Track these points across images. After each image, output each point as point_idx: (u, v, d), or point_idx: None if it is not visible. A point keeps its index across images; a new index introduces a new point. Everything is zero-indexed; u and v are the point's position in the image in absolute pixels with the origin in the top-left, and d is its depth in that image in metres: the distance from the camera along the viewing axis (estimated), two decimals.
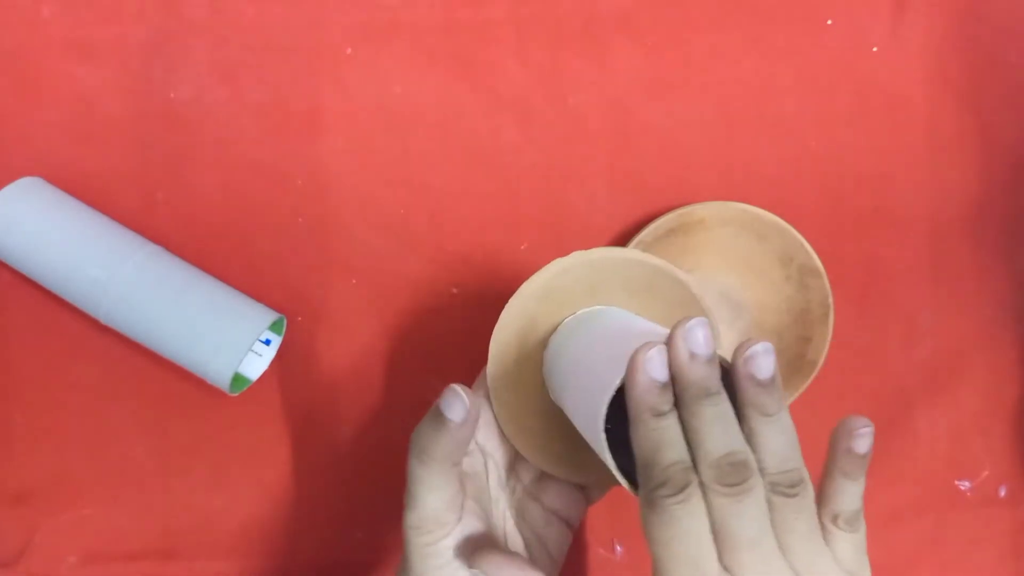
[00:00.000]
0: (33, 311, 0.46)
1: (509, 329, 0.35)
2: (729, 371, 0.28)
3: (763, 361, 0.28)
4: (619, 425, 0.29)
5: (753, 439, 0.27)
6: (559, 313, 0.36)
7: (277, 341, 0.46)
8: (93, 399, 0.47)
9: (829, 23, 0.48)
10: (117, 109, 0.46)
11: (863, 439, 0.29)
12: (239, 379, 0.45)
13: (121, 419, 0.47)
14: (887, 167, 0.49)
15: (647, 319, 0.35)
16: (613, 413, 0.29)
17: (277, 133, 0.46)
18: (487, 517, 0.36)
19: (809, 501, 0.27)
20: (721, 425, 0.27)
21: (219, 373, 0.42)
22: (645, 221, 0.46)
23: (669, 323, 0.31)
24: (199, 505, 0.47)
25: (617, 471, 0.29)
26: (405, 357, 0.47)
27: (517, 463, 0.38)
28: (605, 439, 0.28)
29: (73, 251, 0.43)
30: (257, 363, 0.46)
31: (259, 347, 0.46)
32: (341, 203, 0.47)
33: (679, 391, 0.28)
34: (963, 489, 0.50)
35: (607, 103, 0.47)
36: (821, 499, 0.30)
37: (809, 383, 0.46)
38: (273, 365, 0.47)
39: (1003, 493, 0.50)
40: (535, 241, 0.48)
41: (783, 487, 0.27)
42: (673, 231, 0.46)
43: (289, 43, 0.46)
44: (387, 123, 0.47)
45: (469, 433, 0.32)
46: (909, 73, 0.48)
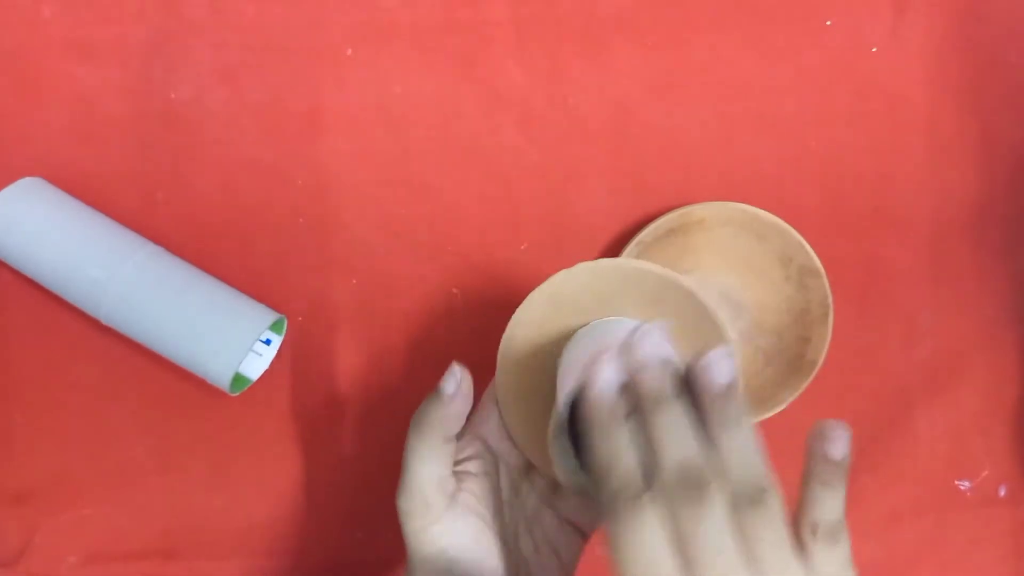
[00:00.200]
0: (33, 311, 0.46)
1: (517, 339, 0.35)
2: None
3: (720, 367, 0.27)
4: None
5: (714, 447, 0.26)
6: (569, 323, 0.35)
7: (277, 341, 0.46)
8: (93, 399, 0.47)
9: (829, 23, 0.48)
10: (117, 109, 0.46)
11: (838, 443, 0.27)
12: (239, 379, 0.45)
13: (121, 419, 0.47)
14: (887, 167, 0.49)
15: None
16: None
17: (277, 133, 0.46)
18: (492, 519, 0.36)
19: (776, 510, 0.26)
20: (676, 433, 0.26)
21: (219, 373, 0.42)
22: (645, 221, 0.46)
23: (681, 335, 0.31)
24: (199, 505, 0.47)
25: (568, 474, 0.28)
26: (405, 357, 0.47)
27: (532, 469, 0.38)
28: (559, 447, 0.28)
29: (73, 251, 0.43)
30: (257, 363, 0.46)
31: (259, 347, 0.46)
32: (341, 203, 0.47)
33: (637, 399, 0.27)
34: (963, 489, 0.50)
35: (607, 103, 0.47)
36: (799, 510, 0.28)
37: (809, 383, 0.46)
38: (273, 365, 0.47)
39: (1003, 493, 0.50)
40: (535, 241, 0.48)
41: (747, 495, 0.26)
42: (673, 231, 0.46)
43: (289, 43, 0.46)
44: (387, 123, 0.47)
45: (460, 407, 0.34)
46: (909, 73, 0.48)
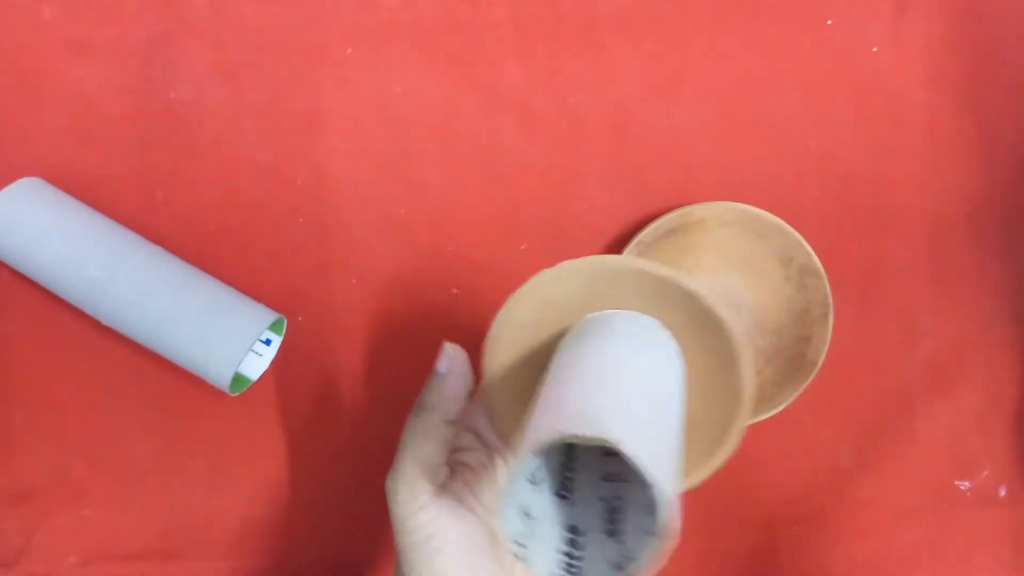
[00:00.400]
0: (33, 311, 0.46)
1: (503, 339, 0.34)
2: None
3: None
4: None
5: None
6: (559, 321, 0.34)
7: (277, 341, 0.46)
8: (93, 399, 0.47)
9: (829, 23, 0.48)
10: (117, 109, 0.46)
11: None
12: (239, 379, 0.45)
13: (121, 419, 0.47)
14: (887, 167, 0.49)
15: (660, 324, 0.33)
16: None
17: (277, 133, 0.46)
18: (485, 512, 0.35)
19: None
20: None
21: (219, 373, 0.42)
22: (645, 221, 0.46)
23: (685, 331, 0.31)
24: (199, 505, 0.47)
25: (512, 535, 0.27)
26: (405, 357, 0.47)
27: None
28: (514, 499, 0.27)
29: (73, 251, 0.43)
30: (257, 363, 0.46)
31: (259, 347, 0.46)
32: (341, 203, 0.47)
33: None
34: (963, 489, 0.50)
35: (607, 103, 0.47)
36: None
37: (809, 383, 0.46)
38: (273, 365, 0.47)
39: (1003, 493, 0.50)
40: (535, 241, 0.48)
41: None
42: (673, 231, 0.46)
43: (289, 43, 0.46)
44: (387, 123, 0.47)
45: (457, 386, 0.34)
46: (909, 73, 0.48)
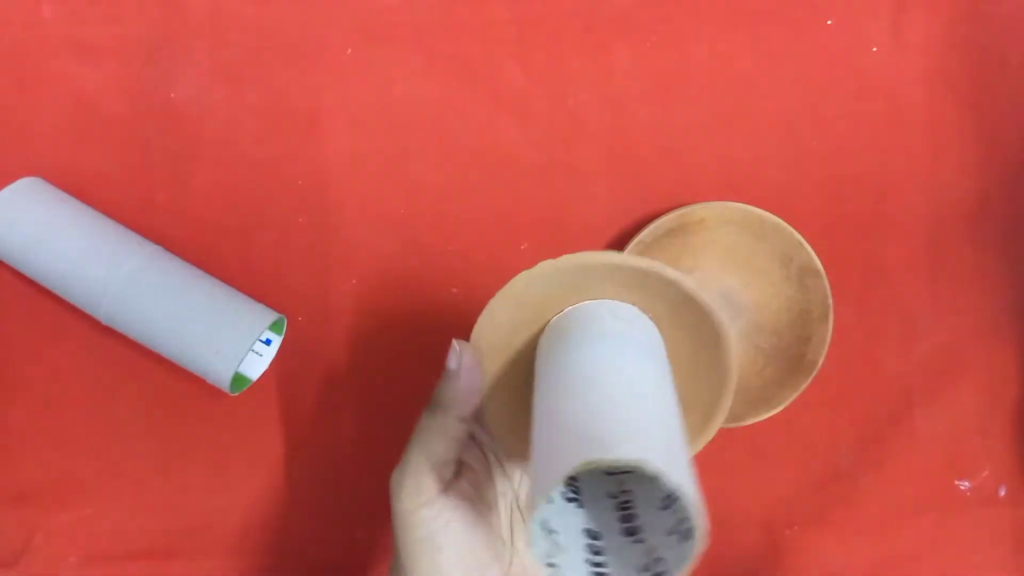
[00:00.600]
0: (33, 311, 0.46)
1: (485, 343, 0.34)
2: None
3: None
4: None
5: None
6: (543, 316, 0.34)
7: (277, 341, 0.46)
8: (93, 399, 0.47)
9: (829, 23, 0.48)
10: (117, 109, 0.46)
11: None
12: (239, 379, 0.45)
13: (121, 419, 0.47)
14: (887, 167, 0.49)
15: (638, 310, 0.34)
16: None
17: (277, 133, 0.46)
18: (488, 512, 0.35)
19: None
20: None
21: (219, 373, 0.42)
22: (645, 221, 0.46)
23: (667, 317, 0.31)
24: (199, 505, 0.47)
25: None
26: (405, 357, 0.47)
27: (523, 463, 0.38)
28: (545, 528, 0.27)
29: (73, 251, 0.43)
30: (257, 363, 0.46)
31: (259, 347, 0.46)
32: (341, 203, 0.47)
33: None
34: (963, 489, 0.50)
35: (607, 103, 0.47)
36: None
37: (809, 383, 0.46)
38: (273, 365, 0.47)
39: (1003, 493, 0.50)
40: (535, 241, 0.48)
41: None
42: (673, 231, 0.46)
43: (289, 43, 0.46)
44: (387, 123, 0.47)
45: (469, 382, 0.34)
46: (909, 73, 0.48)
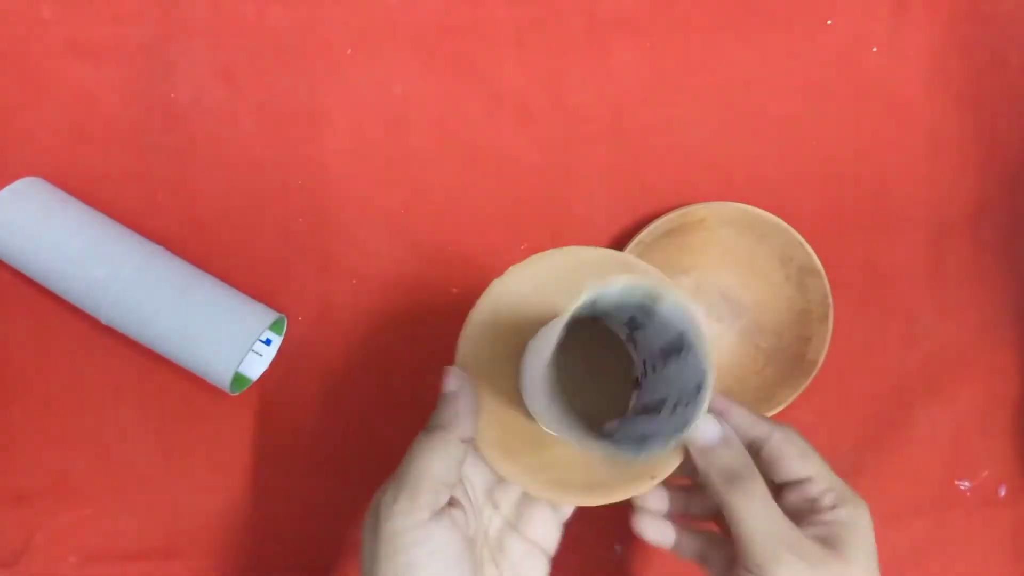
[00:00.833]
0: (33, 311, 0.46)
1: (468, 355, 0.34)
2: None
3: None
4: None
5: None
6: (519, 326, 0.34)
7: (277, 341, 0.46)
8: (93, 399, 0.47)
9: (829, 23, 0.48)
10: (117, 109, 0.46)
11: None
12: (239, 379, 0.45)
13: (121, 419, 0.47)
14: (887, 167, 0.49)
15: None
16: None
17: (277, 133, 0.46)
18: (472, 544, 0.34)
19: None
20: None
21: (219, 373, 0.42)
22: (645, 221, 0.46)
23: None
24: (199, 505, 0.47)
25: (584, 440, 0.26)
26: (405, 357, 0.47)
27: (495, 490, 0.38)
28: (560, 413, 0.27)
29: (73, 251, 0.43)
30: (257, 363, 0.46)
31: (259, 347, 0.46)
32: (341, 203, 0.47)
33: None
34: (963, 489, 0.50)
35: (607, 103, 0.47)
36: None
37: (809, 383, 0.46)
38: (273, 365, 0.47)
39: (1003, 493, 0.50)
40: (535, 241, 0.48)
41: None
42: (673, 231, 0.46)
43: (289, 43, 0.46)
44: (387, 123, 0.47)
45: (466, 404, 0.34)
46: (909, 73, 0.48)
